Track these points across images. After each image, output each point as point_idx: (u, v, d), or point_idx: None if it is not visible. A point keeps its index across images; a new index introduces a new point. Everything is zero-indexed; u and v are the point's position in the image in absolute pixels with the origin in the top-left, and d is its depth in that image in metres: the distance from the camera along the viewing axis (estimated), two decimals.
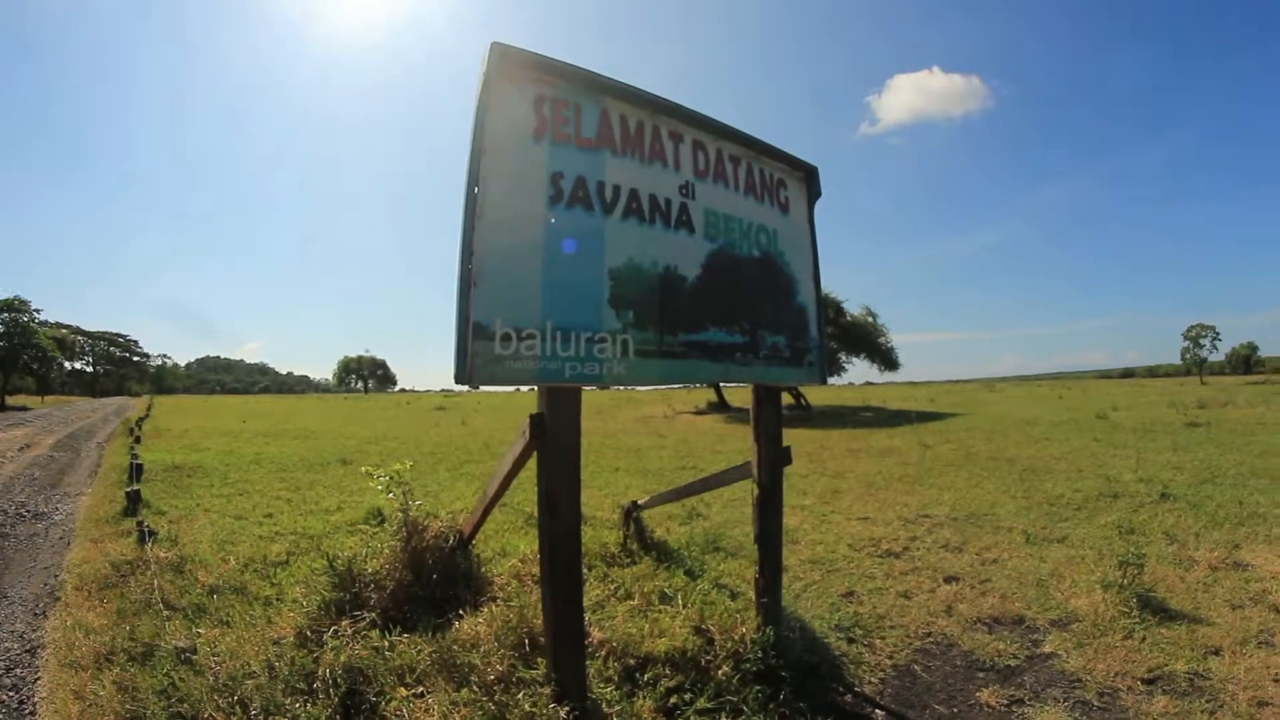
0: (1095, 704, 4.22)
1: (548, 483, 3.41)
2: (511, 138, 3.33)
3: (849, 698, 4.34)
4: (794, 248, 4.91)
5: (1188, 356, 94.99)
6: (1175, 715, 4.05)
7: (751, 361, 4.49)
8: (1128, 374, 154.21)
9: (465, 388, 3.16)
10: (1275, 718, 3.98)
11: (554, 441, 3.41)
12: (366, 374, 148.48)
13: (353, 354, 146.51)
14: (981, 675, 4.63)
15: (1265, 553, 7.06)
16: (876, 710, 4.21)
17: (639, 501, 6.71)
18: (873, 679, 4.53)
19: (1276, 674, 4.49)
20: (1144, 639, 5.04)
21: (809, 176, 5.07)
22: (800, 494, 10.57)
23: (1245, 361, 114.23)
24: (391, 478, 5.24)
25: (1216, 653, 4.83)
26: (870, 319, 39.72)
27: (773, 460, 4.71)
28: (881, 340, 39.51)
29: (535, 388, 3.63)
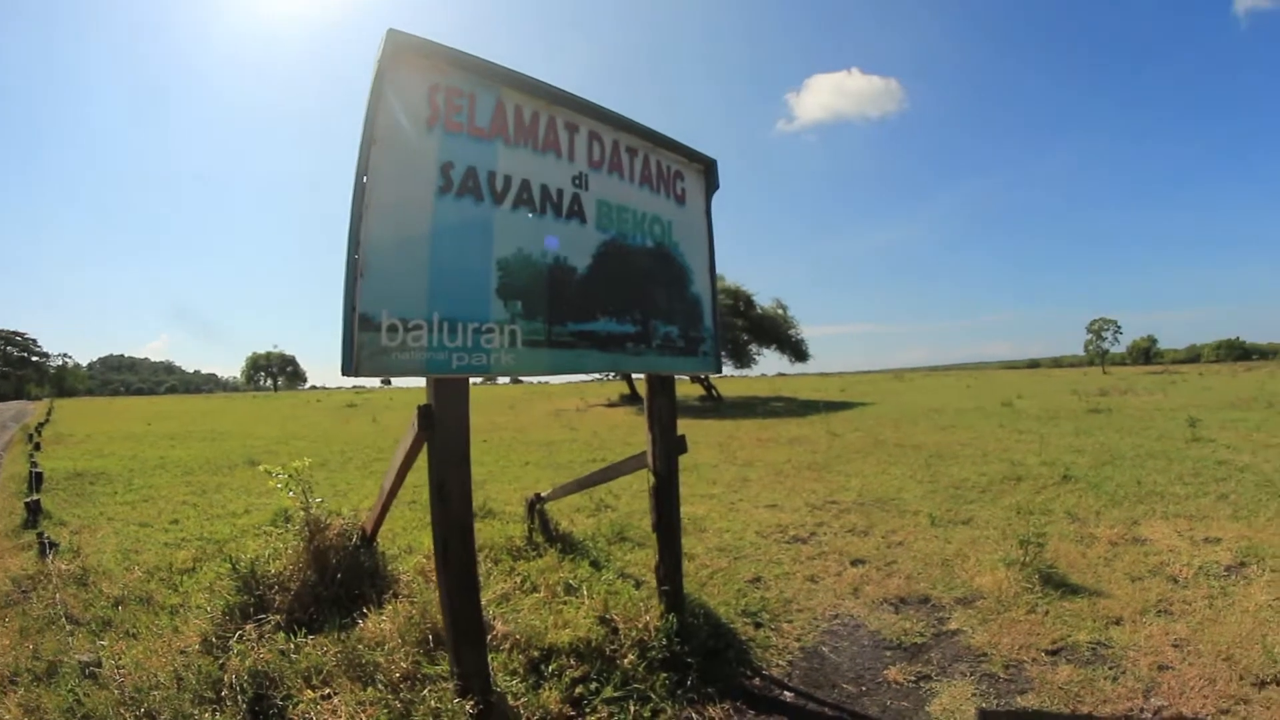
0: (1001, 676, 4.76)
1: (438, 473, 3.77)
2: (403, 127, 3.62)
3: (757, 681, 4.76)
4: (689, 239, 5.37)
5: (1090, 348, 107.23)
6: (1079, 683, 4.63)
7: (644, 351, 4.88)
8: (1033, 365, 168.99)
9: (377, 384, 3.16)
10: (1175, 680, 4.68)
11: (443, 432, 3.77)
12: (276, 371, 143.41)
13: (261, 350, 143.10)
14: (889, 654, 5.17)
15: (1163, 528, 8.30)
16: (785, 692, 4.68)
17: (542, 494, 6.87)
18: (781, 661, 5.02)
19: (1175, 640, 5.26)
20: (1047, 613, 5.77)
21: (707, 169, 5.65)
22: (709, 483, 11.92)
23: (1145, 353, 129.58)
24: (291, 475, 5.67)
25: (1118, 623, 5.59)
26: (780, 311, 42.47)
27: (667, 449, 5.27)
28: (791, 332, 42.41)
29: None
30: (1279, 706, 4.27)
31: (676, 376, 5.50)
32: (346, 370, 3.28)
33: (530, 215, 4.06)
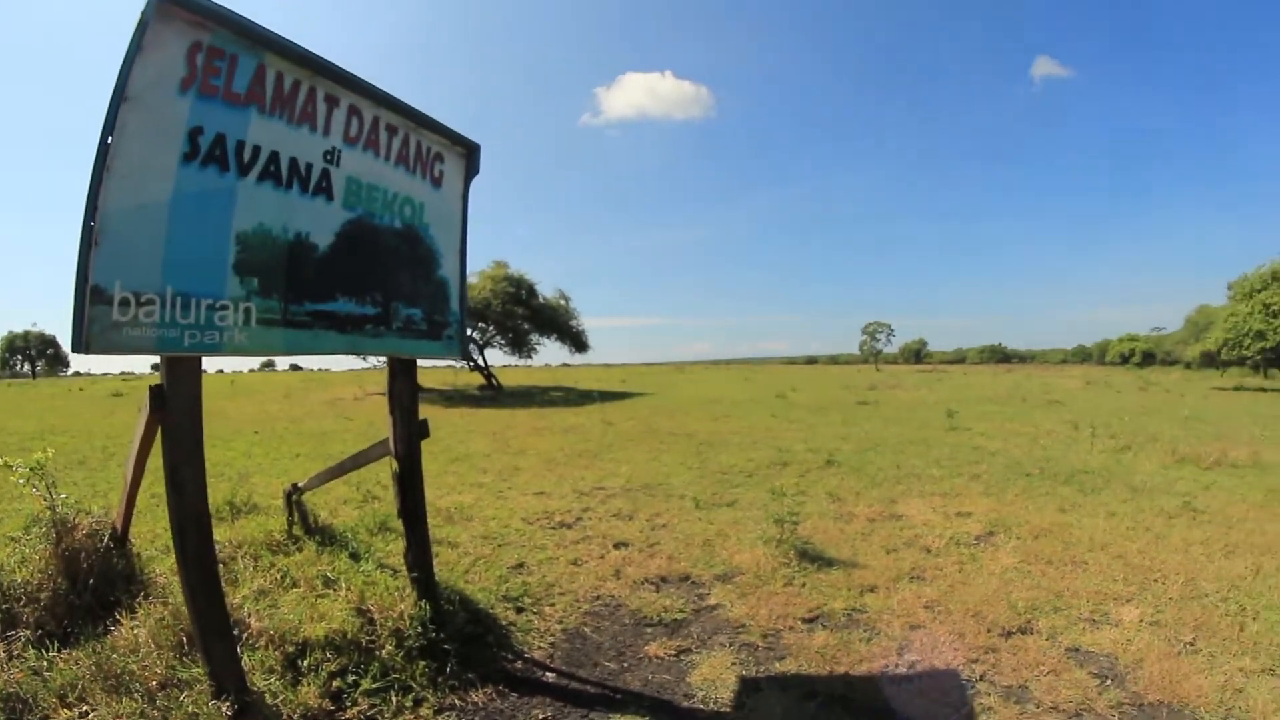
0: (760, 645, 5.32)
1: (172, 459, 3.80)
2: (157, 86, 3.58)
3: (519, 664, 5.11)
4: (442, 222, 5.56)
5: (865, 348, 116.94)
6: (835, 646, 5.27)
7: (384, 334, 5.02)
8: (811, 361, 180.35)
9: (148, 370, 3.15)
10: (927, 638, 5.46)
11: (175, 415, 3.82)
12: (35, 354, 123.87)
13: (18, 329, 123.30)
14: (650, 630, 5.62)
15: (918, 505, 9.61)
16: (547, 673, 5.01)
17: (299, 484, 6.69)
18: (542, 644, 5.40)
19: (927, 602, 6.14)
20: (804, 585, 6.49)
21: (470, 153, 5.83)
22: (480, 472, 12.49)
23: (916, 354, 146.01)
24: (32, 469, 5.45)
25: (872, 590, 6.42)
26: (563, 301, 43.65)
27: (409, 434, 5.50)
28: (573, 323, 43.52)
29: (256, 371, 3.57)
30: (1024, 652, 5.17)
31: (463, 365, 5.65)
32: (76, 347, 3.25)
33: (275, 189, 4.09)
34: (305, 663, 4.44)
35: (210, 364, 3.86)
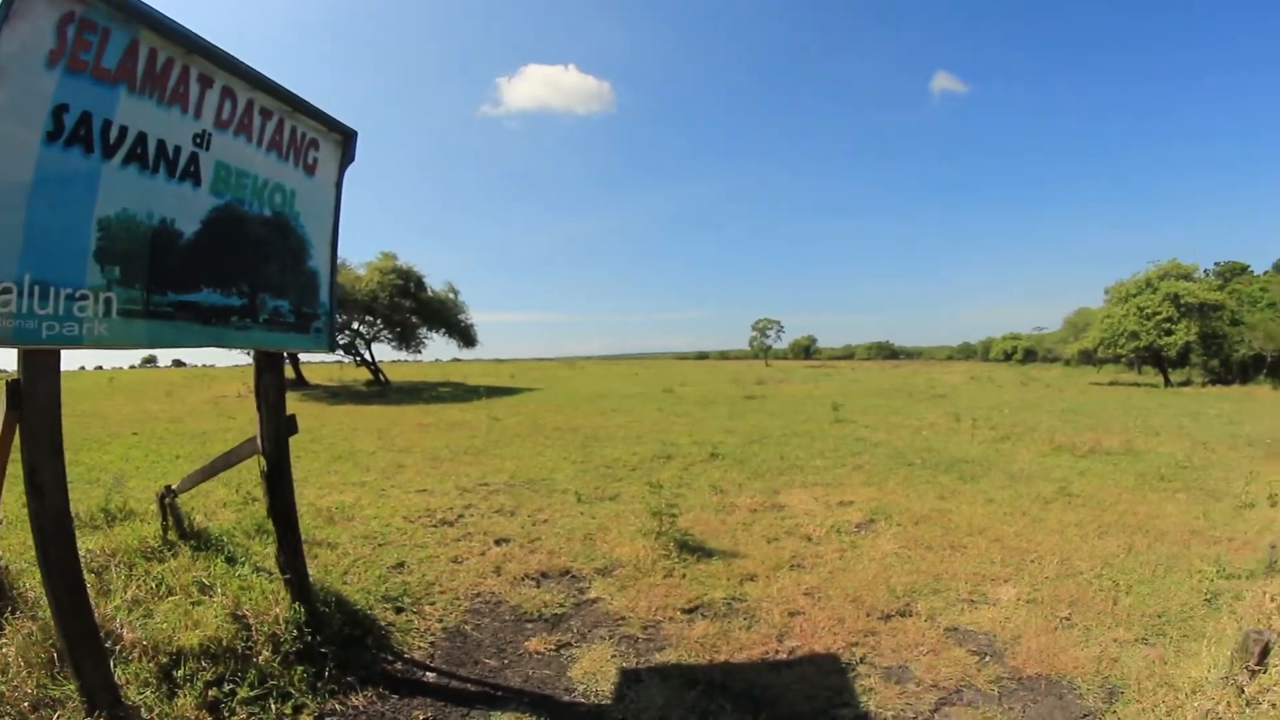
0: (640, 636, 5.37)
1: (31, 459, 3.63)
2: (22, 59, 3.39)
3: (399, 665, 5.07)
4: (313, 210, 5.42)
5: (755, 344, 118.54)
6: (715, 635, 5.35)
7: (250, 326, 4.87)
8: (702, 356, 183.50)
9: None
10: (806, 623, 5.58)
11: (33, 411, 3.64)
12: None
13: None
14: (530, 626, 5.63)
15: (801, 495, 9.85)
16: (427, 673, 4.97)
17: (173, 487, 6.37)
18: (423, 644, 5.37)
19: (807, 589, 6.28)
20: (684, 576, 6.57)
21: (346, 140, 5.71)
22: (364, 470, 12.38)
23: (806, 350, 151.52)
24: None
25: (752, 579, 6.52)
26: (452, 295, 42.66)
27: (277, 430, 5.36)
28: (461, 317, 42.61)
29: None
30: (903, 633, 5.37)
31: (350, 360, 5.45)
32: None
33: (141, 173, 3.91)
34: (180, 673, 4.31)
35: (88, 360, 3.61)
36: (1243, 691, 4.52)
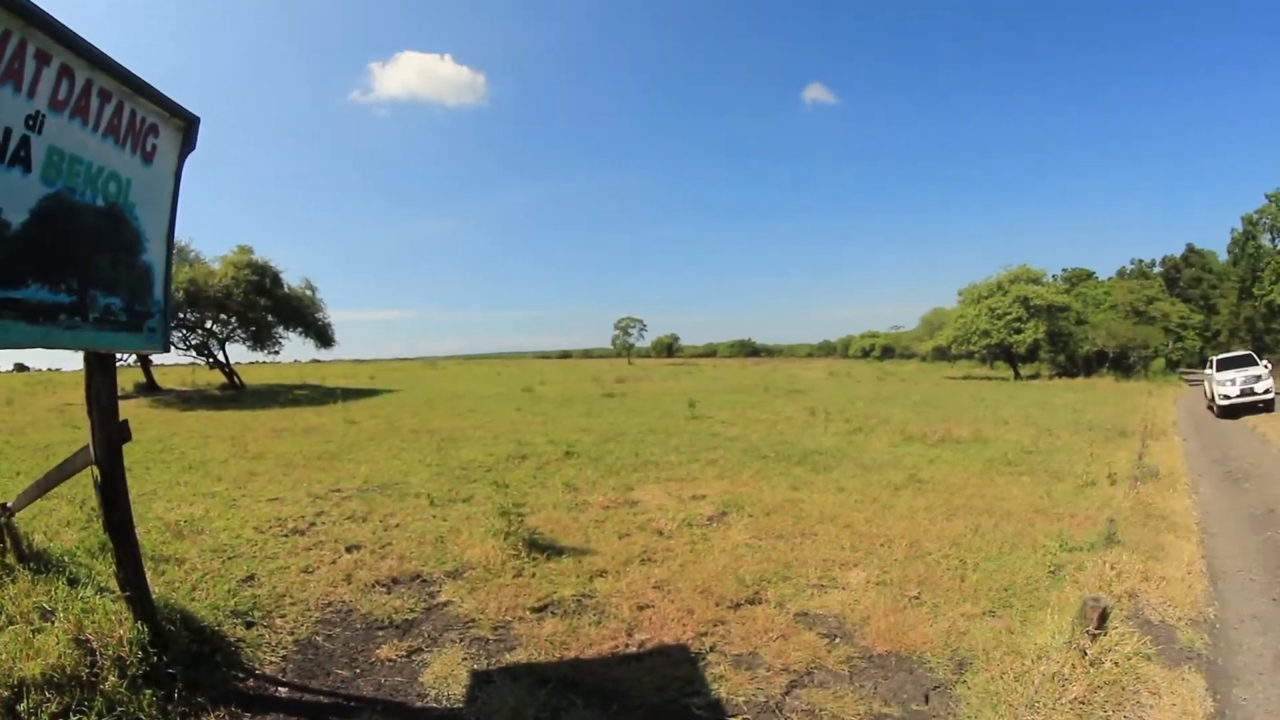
0: (490, 638, 5.37)
1: None
2: None
3: (251, 681, 4.94)
4: (150, 201, 5.10)
5: (618, 343, 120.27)
6: (565, 632, 5.39)
7: (79, 325, 4.51)
8: (565, 355, 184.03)
9: None
10: (656, 616, 5.68)
11: None
12: None
13: None
14: (381, 633, 5.56)
15: (653, 490, 10.03)
16: (279, 688, 4.86)
17: (8, 505, 5.95)
18: (274, 658, 5.25)
19: (657, 582, 6.38)
20: (534, 575, 6.60)
21: (189, 127, 5.38)
22: (215, 480, 11.92)
23: (668, 348, 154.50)
24: None
25: (602, 574, 6.60)
26: (309, 292, 40.73)
27: (109, 437, 5.02)
28: (319, 315, 40.81)
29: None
30: (753, 621, 5.51)
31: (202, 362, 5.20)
32: None
33: None
34: (24, 706, 4.08)
35: None
36: (1085, 654, 4.91)
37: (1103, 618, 5.21)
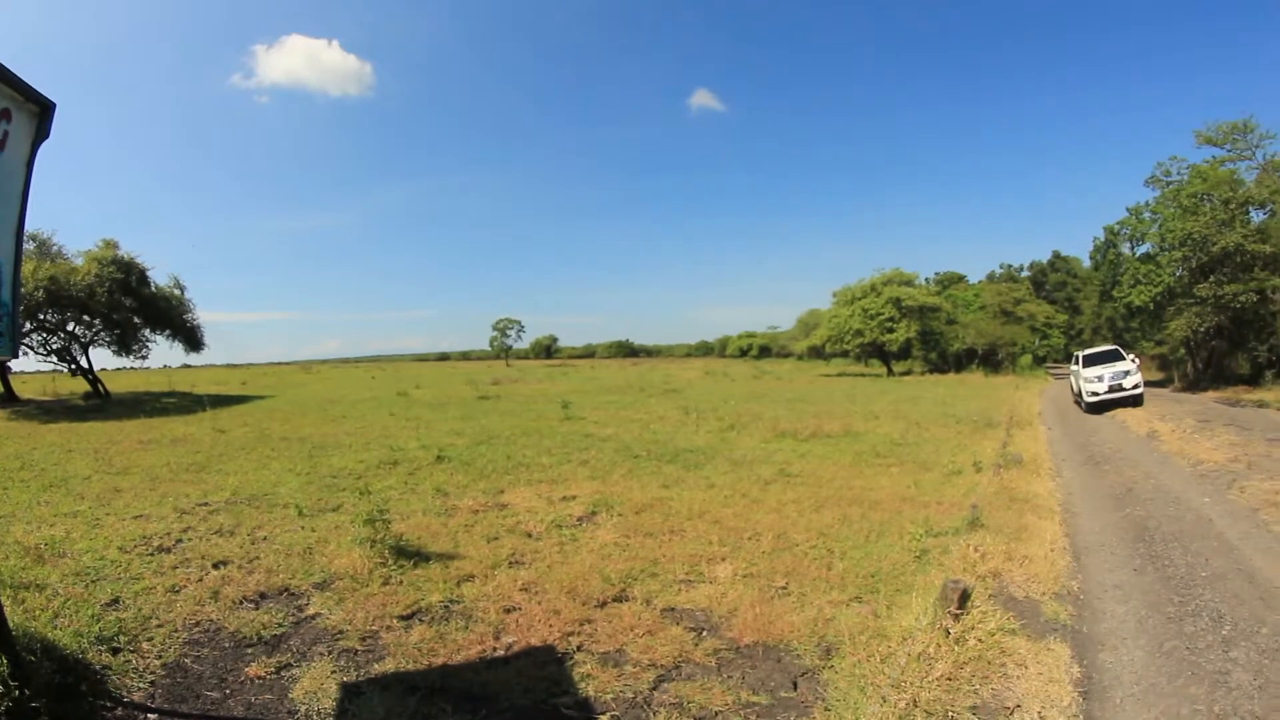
0: (359, 649, 5.33)
1: None
2: None
3: (119, 711, 4.73)
4: None
5: (496, 344, 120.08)
6: (432, 639, 5.38)
7: None
8: (443, 357, 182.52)
9: None
10: (522, 618, 5.73)
11: None
12: None
13: None
14: (250, 651, 5.45)
15: (524, 492, 10.14)
16: (148, 715, 4.68)
17: None
18: (142, 684, 5.05)
19: (523, 584, 6.45)
20: (402, 582, 6.57)
21: (44, 112, 5.04)
22: (77, 498, 11.33)
23: (547, 349, 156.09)
24: None
25: (470, 579, 6.63)
26: (178, 291, 38.10)
27: None
28: (188, 316, 38.31)
29: None
30: (619, 618, 5.62)
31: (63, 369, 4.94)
32: None
33: None
34: None
35: None
36: (949, 633, 5.15)
37: (964, 598, 5.50)
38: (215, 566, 7.23)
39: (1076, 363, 27.77)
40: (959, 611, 5.38)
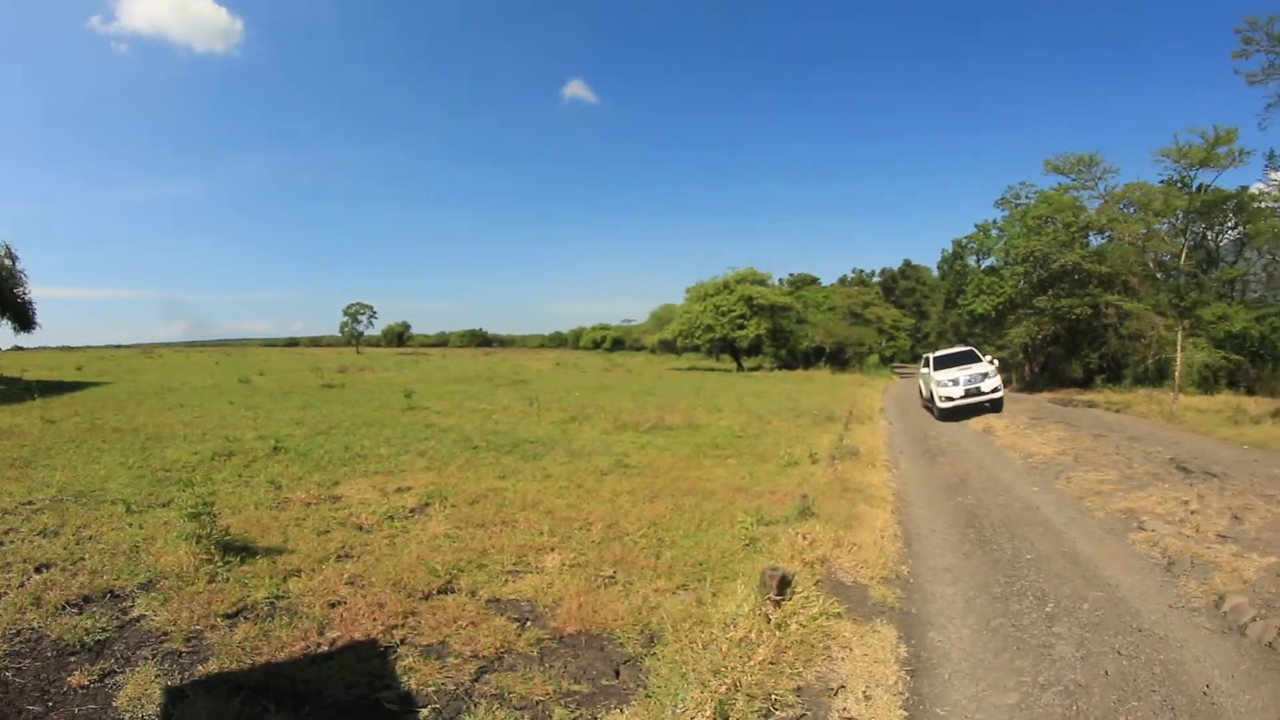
0: (183, 651, 5.21)
1: None
2: None
3: None
4: None
5: (346, 330, 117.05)
6: (257, 637, 5.33)
7: None
8: (292, 343, 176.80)
9: None
10: (347, 613, 5.73)
11: None
12: None
13: None
14: (73, 659, 5.21)
15: (360, 484, 10.09)
16: None
17: None
18: None
19: (350, 578, 6.45)
20: (228, 579, 6.44)
21: None
22: None
23: (399, 337, 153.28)
24: None
25: (296, 574, 6.57)
26: (8, 263, 34.34)
27: None
28: (18, 292, 34.67)
29: None
30: (443, 610, 5.70)
31: None
32: None
33: None
34: None
35: None
36: (770, 619, 5.44)
37: (783, 584, 5.81)
38: (38, 570, 6.83)
39: (926, 365, 26.49)
40: (779, 598, 5.69)
